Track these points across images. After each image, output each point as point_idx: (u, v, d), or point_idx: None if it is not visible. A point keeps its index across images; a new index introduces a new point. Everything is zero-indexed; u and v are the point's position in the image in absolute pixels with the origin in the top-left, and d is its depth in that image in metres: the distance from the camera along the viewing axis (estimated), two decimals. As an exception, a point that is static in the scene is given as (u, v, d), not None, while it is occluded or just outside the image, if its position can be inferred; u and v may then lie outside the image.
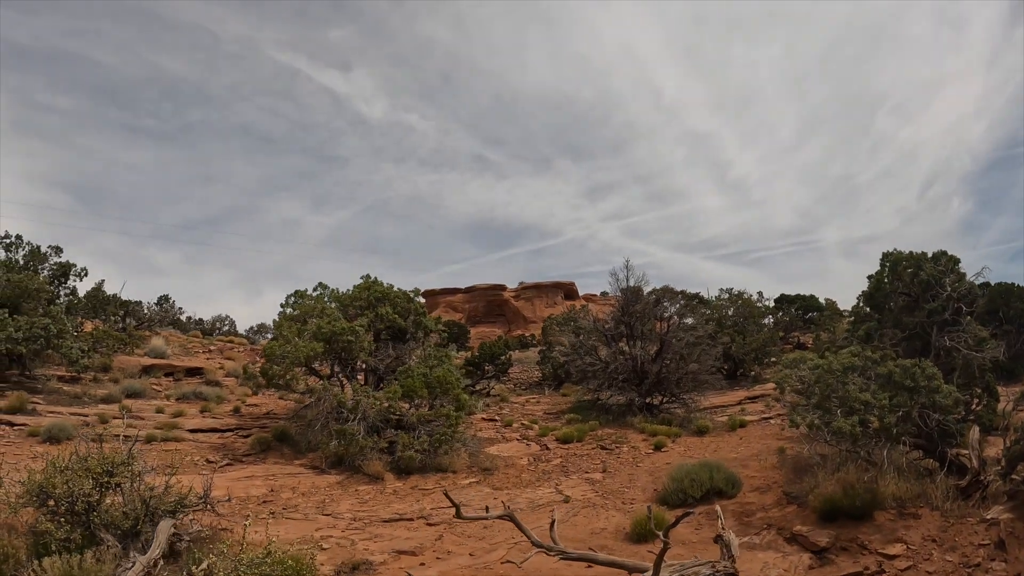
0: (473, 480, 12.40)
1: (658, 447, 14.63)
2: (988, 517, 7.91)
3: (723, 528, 7.54)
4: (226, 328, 40.30)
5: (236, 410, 16.68)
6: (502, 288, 69.24)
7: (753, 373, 25.19)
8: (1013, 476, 8.37)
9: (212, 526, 7.87)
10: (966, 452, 9.27)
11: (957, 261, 11.64)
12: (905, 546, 7.99)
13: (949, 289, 11.11)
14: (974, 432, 9.39)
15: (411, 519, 9.86)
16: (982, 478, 8.62)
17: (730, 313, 27.25)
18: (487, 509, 7.48)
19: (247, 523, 5.85)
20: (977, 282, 11.44)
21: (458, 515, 7.07)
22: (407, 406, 13.77)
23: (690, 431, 16.04)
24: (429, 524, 9.61)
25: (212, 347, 26.86)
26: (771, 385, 18.90)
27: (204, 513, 7.79)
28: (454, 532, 9.21)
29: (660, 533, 6.33)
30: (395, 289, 16.37)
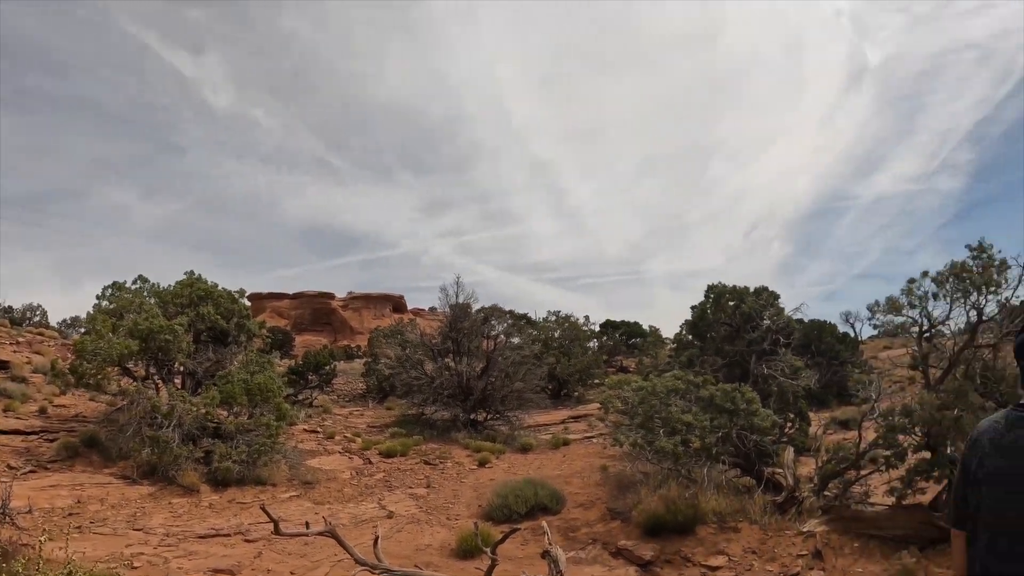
0: (294, 494, 11.70)
1: (482, 463, 14.33)
2: (805, 529, 8.14)
3: (550, 544, 7.18)
4: (37, 319, 35.33)
5: (42, 411, 14.48)
6: (331, 296, 68.13)
7: (577, 394, 26.02)
8: (825, 493, 8.77)
9: (11, 541, 7.17)
10: (781, 471, 9.65)
11: (777, 296, 12.57)
12: (727, 558, 8.01)
13: (768, 321, 11.88)
14: (789, 453, 9.83)
15: (228, 535, 9.04)
16: (797, 494, 8.95)
17: (556, 335, 27.90)
18: (307, 525, 6.92)
19: (42, 539, 4.69)
20: (794, 317, 12.38)
21: (276, 531, 6.33)
22: (225, 414, 12.73)
23: (514, 448, 16.01)
24: (247, 540, 8.81)
25: (20, 339, 22.88)
26: (595, 405, 19.33)
27: (2, 526, 7.26)
28: (274, 549, 8.45)
29: (488, 549, 6.10)
30: (219, 288, 15.08)
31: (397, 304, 71.04)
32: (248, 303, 16.11)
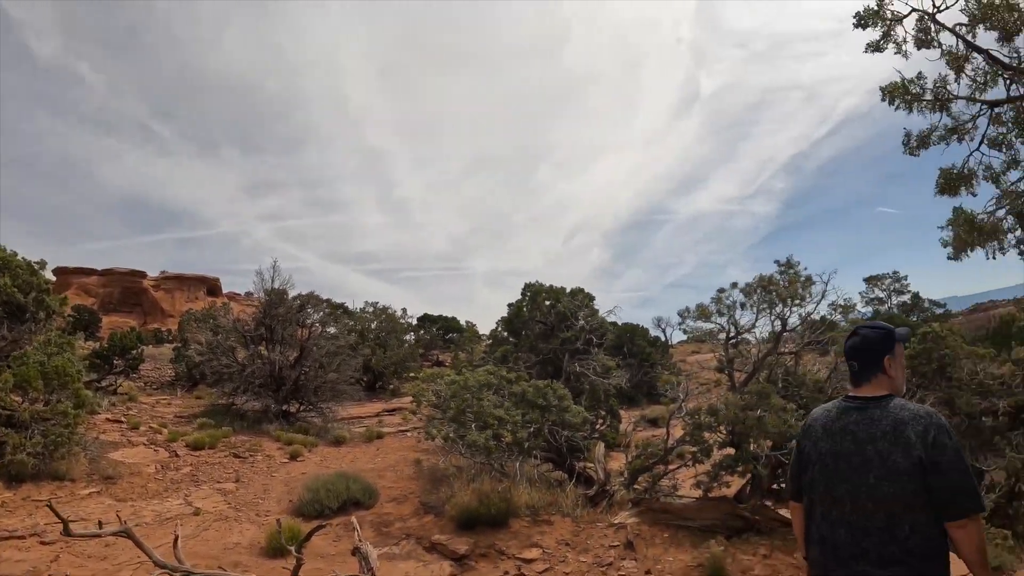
0: (94, 490, 10.29)
1: (294, 456, 13.35)
2: (616, 521, 8.26)
3: (360, 540, 6.69)
4: None
5: None
6: (142, 275, 61.73)
7: (392, 386, 25.55)
8: (635, 486, 9.01)
9: None
10: (592, 465, 9.83)
11: (592, 298, 12.91)
12: (541, 550, 7.90)
13: (583, 322, 12.14)
14: (599, 448, 10.04)
15: (23, 537, 7.92)
16: (608, 488, 9.12)
17: (373, 326, 27.29)
18: (100, 524, 6.13)
19: None
20: (608, 318, 12.79)
21: (67, 532, 5.51)
22: (20, 400, 10.40)
23: (327, 441, 15.17)
24: (43, 543, 7.74)
25: None
26: (409, 399, 18.74)
27: None
28: (72, 552, 7.44)
29: (292, 548, 5.79)
30: (18, 258, 12.77)
31: (212, 287, 65.84)
32: (51, 277, 13.66)
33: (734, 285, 10.38)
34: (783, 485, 9.21)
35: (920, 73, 8.47)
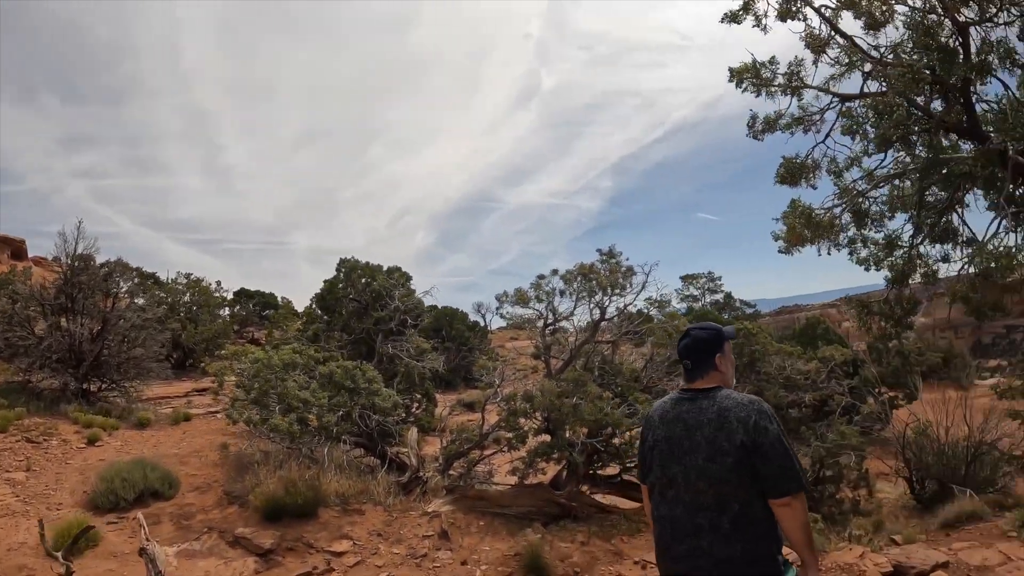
0: None
1: (92, 441, 11.67)
2: (430, 510, 8.27)
3: (147, 539, 6.15)
4: None
5: None
6: None
7: (203, 364, 23.10)
8: (450, 472, 9.06)
9: None
10: (406, 451, 9.71)
11: (409, 277, 12.68)
12: (352, 542, 7.70)
13: (398, 301, 11.89)
14: (413, 432, 9.97)
15: None
16: (421, 474, 9.09)
17: (185, 299, 24.91)
18: None
19: None
20: (426, 300, 12.64)
21: None
22: None
23: (131, 423, 13.44)
24: None
25: None
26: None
27: None
28: None
29: (59, 555, 5.41)
30: None
31: (17, 250, 55.29)
32: None
33: (555, 272, 10.71)
34: (599, 472, 9.75)
35: (773, 58, 8.12)
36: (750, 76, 8.05)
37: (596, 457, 9.53)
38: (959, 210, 7.55)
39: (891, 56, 7.10)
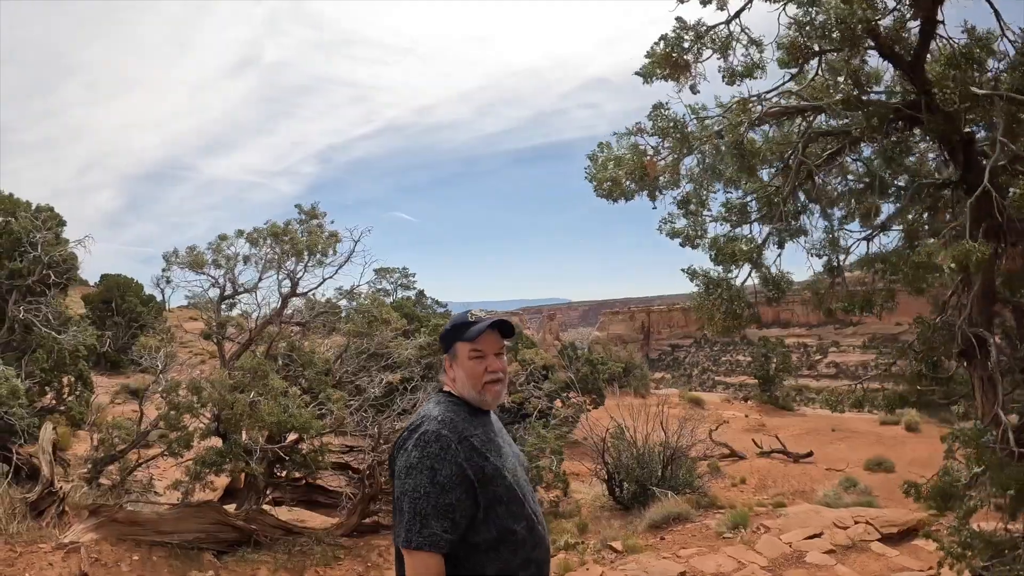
0: None
1: None
2: (67, 540, 6.01)
3: None
4: None
5: None
6: None
7: None
8: (101, 481, 6.78)
9: None
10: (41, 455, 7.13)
11: (62, 223, 9.60)
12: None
13: (40, 250, 8.94)
14: (46, 430, 7.39)
15: None
16: (55, 488, 6.66)
17: None
18: None
19: None
20: (79, 252, 9.61)
21: None
22: None
23: None
24: None
25: None
26: None
27: None
28: None
29: None
30: None
31: None
32: None
33: (240, 232, 8.91)
34: (285, 484, 8.15)
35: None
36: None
37: (279, 467, 7.96)
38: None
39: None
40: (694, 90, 4.84)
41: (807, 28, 4.28)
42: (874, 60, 4.74)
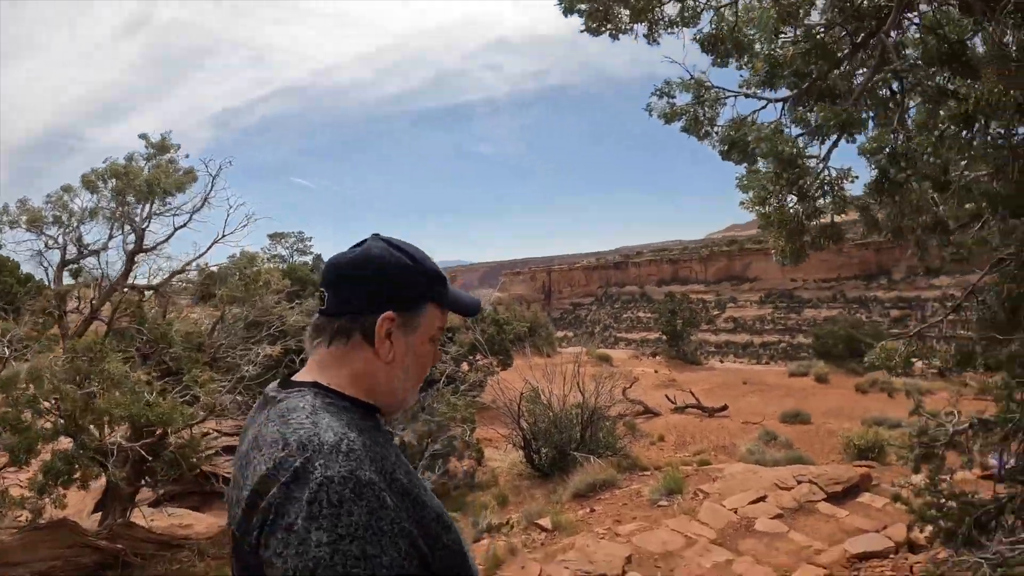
0: None
1: None
2: None
3: None
4: None
5: None
6: None
7: None
8: None
9: None
10: None
11: None
12: None
13: None
14: None
15: None
16: None
17: None
18: None
19: None
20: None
21: None
22: None
23: None
24: None
25: None
26: None
27: None
28: None
29: None
30: None
31: None
32: None
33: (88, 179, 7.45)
34: (161, 490, 6.89)
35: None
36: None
37: (147, 466, 6.68)
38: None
39: None
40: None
41: None
42: None
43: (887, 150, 2.84)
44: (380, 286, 1.22)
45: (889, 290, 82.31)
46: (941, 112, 3.32)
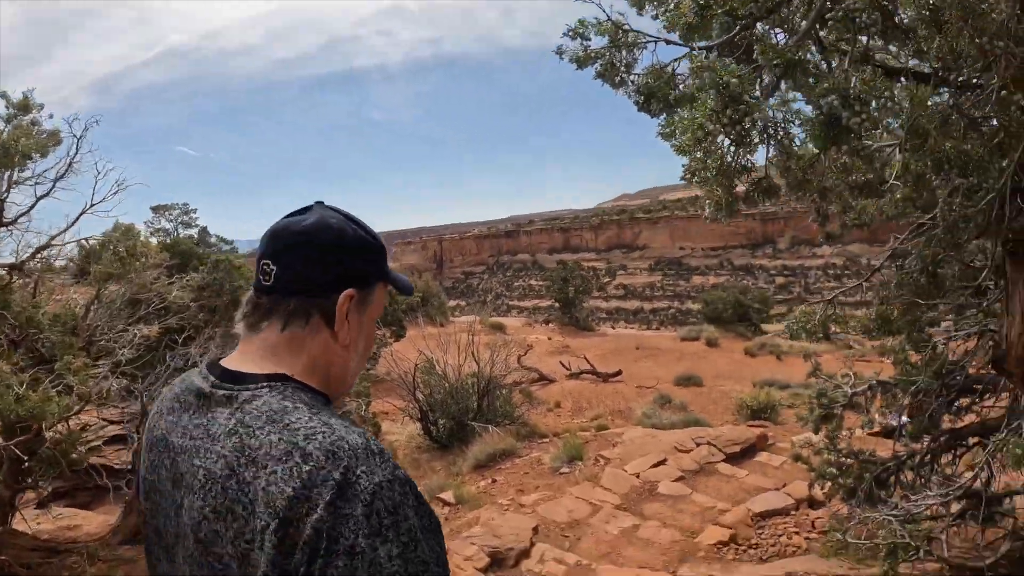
0: None
1: None
2: None
3: None
4: None
5: None
6: None
7: None
8: None
9: None
10: None
11: None
12: None
13: None
14: None
15: None
16: None
17: None
18: None
19: None
20: None
21: None
22: None
23: None
24: None
25: None
26: None
27: None
28: None
29: None
30: None
31: None
32: None
33: None
34: (46, 490, 6.15)
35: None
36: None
37: (24, 468, 5.93)
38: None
39: None
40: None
41: None
42: None
43: (838, 94, 2.68)
44: (340, 260, 1.10)
45: (774, 259, 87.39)
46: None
